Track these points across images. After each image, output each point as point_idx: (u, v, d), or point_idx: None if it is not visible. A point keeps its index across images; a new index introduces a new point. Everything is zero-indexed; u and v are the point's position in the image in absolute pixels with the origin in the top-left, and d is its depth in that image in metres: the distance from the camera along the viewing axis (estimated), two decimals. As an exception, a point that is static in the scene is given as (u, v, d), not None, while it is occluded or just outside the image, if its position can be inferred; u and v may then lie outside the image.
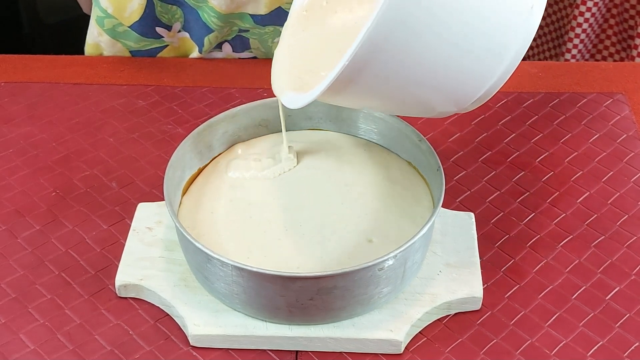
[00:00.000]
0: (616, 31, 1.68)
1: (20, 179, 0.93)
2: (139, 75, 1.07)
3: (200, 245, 0.74)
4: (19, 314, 0.79)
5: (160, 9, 1.05)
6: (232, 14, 1.03)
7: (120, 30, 1.07)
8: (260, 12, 1.03)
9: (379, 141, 0.88)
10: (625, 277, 0.82)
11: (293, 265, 0.77)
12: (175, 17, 1.07)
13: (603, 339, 0.77)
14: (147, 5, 1.04)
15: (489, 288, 0.81)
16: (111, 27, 1.07)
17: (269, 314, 0.75)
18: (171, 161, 0.82)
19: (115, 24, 1.07)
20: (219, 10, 1.03)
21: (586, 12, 1.63)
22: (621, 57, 1.69)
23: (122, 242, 0.84)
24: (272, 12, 1.02)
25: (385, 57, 0.65)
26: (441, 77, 0.69)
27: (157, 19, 1.06)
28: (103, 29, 1.08)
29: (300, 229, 0.80)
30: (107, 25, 1.07)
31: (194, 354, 0.76)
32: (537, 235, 0.86)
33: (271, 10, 1.02)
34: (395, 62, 0.66)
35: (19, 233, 0.87)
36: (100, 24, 1.08)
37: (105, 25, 1.07)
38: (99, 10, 1.07)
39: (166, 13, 1.06)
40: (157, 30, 1.07)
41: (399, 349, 0.75)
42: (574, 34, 1.66)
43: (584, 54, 1.71)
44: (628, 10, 1.63)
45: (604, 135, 0.98)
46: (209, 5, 1.03)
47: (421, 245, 0.77)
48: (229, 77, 1.07)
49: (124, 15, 1.06)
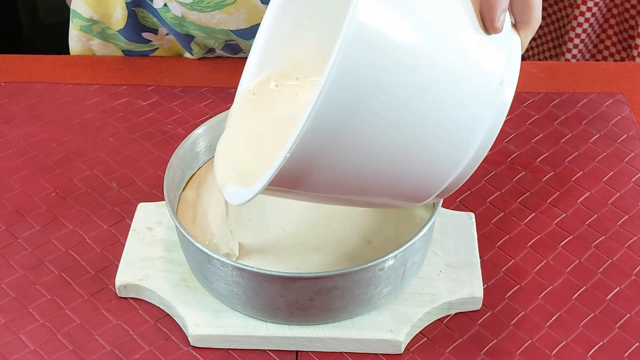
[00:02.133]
0: (616, 31, 1.68)
1: (20, 179, 0.93)
2: (139, 75, 1.07)
3: (201, 246, 0.74)
4: (19, 314, 0.79)
5: (143, 15, 1.05)
6: (213, 29, 1.03)
7: (110, 32, 1.08)
8: (241, 27, 1.03)
9: (379, 141, 0.88)
10: (625, 277, 0.82)
11: (292, 266, 0.77)
12: (156, 24, 1.06)
13: (603, 339, 0.77)
14: (130, 15, 1.04)
15: (489, 288, 0.81)
16: (100, 31, 1.08)
17: (269, 314, 0.75)
18: (171, 161, 0.81)
19: (104, 27, 1.07)
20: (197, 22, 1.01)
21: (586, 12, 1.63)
22: (621, 57, 1.69)
23: (122, 242, 0.84)
24: (253, 26, 1.01)
25: (332, 151, 0.58)
26: (397, 172, 0.61)
27: (142, 25, 1.06)
28: (92, 35, 1.08)
29: (299, 229, 0.80)
30: (96, 30, 1.07)
31: (194, 354, 0.76)
32: (537, 235, 0.86)
33: (252, 25, 1.01)
34: (343, 156, 0.59)
35: (19, 233, 0.87)
36: (87, 31, 1.08)
37: (94, 31, 1.07)
38: (83, 20, 1.06)
39: (149, 18, 1.05)
40: (143, 35, 1.07)
41: (399, 349, 0.75)
42: (574, 34, 1.66)
43: (584, 54, 1.71)
44: (628, 10, 1.63)
45: (604, 135, 0.98)
46: (188, 21, 1.02)
47: (421, 245, 0.77)
48: (229, 77, 1.07)
49: (111, 22, 1.06)
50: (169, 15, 1.02)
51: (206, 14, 0.99)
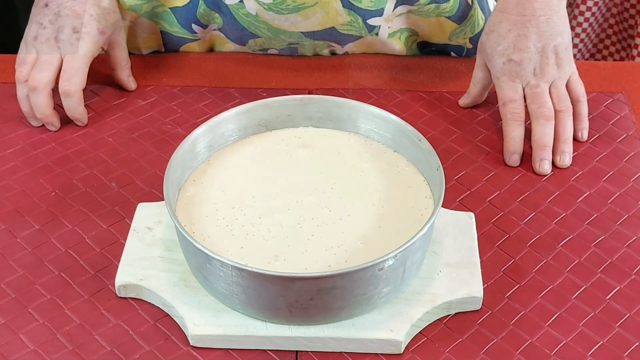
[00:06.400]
0: (616, 31, 1.68)
1: (20, 179, 0.93)
2: (139, 74, 1.07)
3: (200, 246, 0.74)
4: (19, 314, 0.79)
5: (202, 12, 1.04)
6: (284, 30, 1.02)
7: (160, 10, 1.07)
8: (313, 30, 1.02)
9: (378, 140, 0.88)
10: (625, 277, 0.82)
11: (291, 266, 0.76)
12: (214, 20, 1.06)
13: (603, 339, 0.77)
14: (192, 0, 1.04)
15: (489, 288, 0.81)
16: (150, 10, 1.07)
17: (269, 314, 0.75)
18: (171, 161, 0.81)
19: (156, 5, 1.06)
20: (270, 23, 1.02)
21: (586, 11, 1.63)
22: (621, 57, 1.69)
23: (122, 242, 0.84)
24: (325, 29, 1.02)
25: None
26: None
27: (197, 18, 1.06)
28: (140, 13, 1.07)
29: (298, 229, 0.80)
30: (146, 8, 1.07)
31: (194, 354, 0.76)
32: (537, 235, 0.86)
33: (325, 27, 1.01)
34: None
35: (18, 233, 0.86)
36: (136, 9, 1.06)
37: (144, 9, 1.07)
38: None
39: (207, 16, 1.05)
40: (193, 26, 1.07)
41: (399, 349, 0.75)
42: (574, 34, 1.66)
43: (584, 54, 1.71)
44: (628, 10, 1.63)
45: (604, 135, 0.98)
46: (260, 20, 1.02)
47: (421, 245, 0.77)
48: (229, 77, 1.07)
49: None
50: (241, 12, 1.01)
51: (281, 15, 0.99)
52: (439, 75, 1.07)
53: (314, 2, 0.97)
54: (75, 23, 0.97)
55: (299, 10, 0.98)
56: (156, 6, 1.06)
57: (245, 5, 0.98)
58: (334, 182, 0.84)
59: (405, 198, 0.83)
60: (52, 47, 0.97)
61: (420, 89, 1.04)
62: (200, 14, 1.04)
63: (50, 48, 0.97)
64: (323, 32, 1.01)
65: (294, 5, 0.97)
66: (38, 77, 0.96)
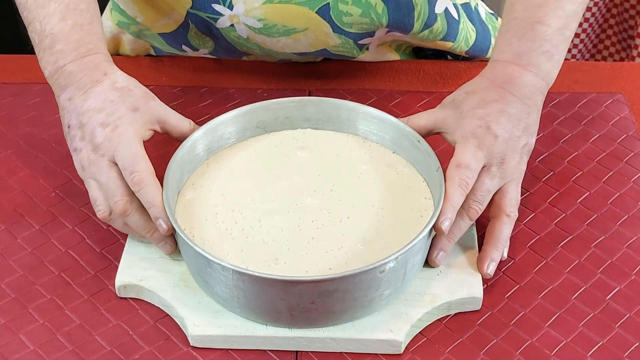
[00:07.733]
0: (616, 31, 1.68)
1: (20, 179, 0.93)
2: (138, 75, 1.06)
3: (201, 250, 0.74)
4: (19, 314, 0.79)
5: (194, 35, 1.04)
6: (276, 51, 1.02)
7: (147, 33, 1.07)
8: (305, 51, 1.02)
9: (378, 142, 0.88)
10: (625, 277, 0.82)
11: (291, 269, 0.76)
12: (204, 45, 1.06)
13: (603, 339, 0.77)
14: (182, 25, 1.02)
15: (489, 288, 0.81)
16: (137, 31, 1.07)
17: (270, 318, 0.75)
18: (170, 164, 0.82)
19: (142, 28, 1.06)
20: (262, 45, 1.01)
21: (586, 12, 1.63)
22: (621, 57, 1.69)
23: (122, 243, 0.84)
24: (316, 51, 1.02)
25: None
26: None
27: (187, 40, 1.05)
28: (127, 31, 1.07)
29: (298, 231, 0.80)
30: (133, 29, 1.07)
31: (194, 354, 0.76)
32: (537, 235, 0.86)
33: (317, 49, 1.01)
34: None
35: (18, 233, 0.87)
36: (123, 27, 1.07)
37: (131, 30, 1.07)
38: (123, 16, 1.05)
39: (197, 39, 1.05)
40: (182, 47, 1.06)
41: (399, 349, 0.75)
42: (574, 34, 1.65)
43: (584, 54, 1.71)
44: (628, 10, 1.63)
45: (604, 135, 0.98)
46: (252, 42, 1.01)
47: (421, 246, 0.77)
48: (228, 77, 1.07)
49: (155, 25, 1.04)
50: (232, 35, 1.00)
51: (272, 38, 0.99)
52: (439, 75, 1.07)
53: (305, 27, 0.97)
54: (101, 118, 0.82)
55: (289, 34, 0.98)
56: (143, 29, 1.06)
57: (237, 29, 0.99)
58: (333, 184, 0.84)
59: (405, 199, 0.83)
60: (97, 163, 0.81)
61: (420, 90, 1.04)
62: (191, 36, 1.04)
63: (97, 166, 0.81)
64: (315, 53, 1.01)
65: (284, 30, 0.97)
66: (116, 201, 0.79)
